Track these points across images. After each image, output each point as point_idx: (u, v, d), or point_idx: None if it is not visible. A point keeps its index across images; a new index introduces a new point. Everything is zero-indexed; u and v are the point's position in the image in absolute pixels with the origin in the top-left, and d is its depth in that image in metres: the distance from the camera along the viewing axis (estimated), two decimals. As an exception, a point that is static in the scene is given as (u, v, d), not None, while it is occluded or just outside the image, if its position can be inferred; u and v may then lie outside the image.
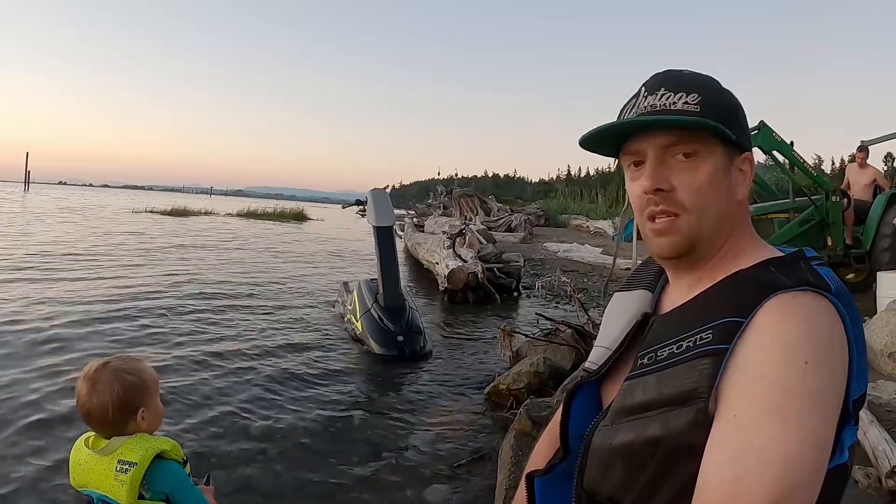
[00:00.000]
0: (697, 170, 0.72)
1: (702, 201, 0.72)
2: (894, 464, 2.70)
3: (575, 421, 0.81)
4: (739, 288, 0.68)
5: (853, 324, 0.65)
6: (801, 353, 0.59)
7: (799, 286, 0.64)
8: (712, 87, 0.75)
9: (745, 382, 0.60)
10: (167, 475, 1.37)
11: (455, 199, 22.58)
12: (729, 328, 0.63)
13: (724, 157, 0.73)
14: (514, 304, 9.02)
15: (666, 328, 0.73)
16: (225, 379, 4.63)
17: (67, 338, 5.44)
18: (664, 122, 0.72)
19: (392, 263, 6.23)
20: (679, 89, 0.73)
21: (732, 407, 0.60)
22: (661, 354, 0.70)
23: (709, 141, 0.72)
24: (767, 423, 0.57)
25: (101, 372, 1.38)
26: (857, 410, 0.65)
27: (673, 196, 0.73)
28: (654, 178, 0.73)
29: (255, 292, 8.61)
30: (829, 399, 0.59)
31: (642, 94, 0.76)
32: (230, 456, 3.35)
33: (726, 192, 0.74)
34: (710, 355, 0.63)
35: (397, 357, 5.47)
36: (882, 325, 4.49)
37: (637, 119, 0.74)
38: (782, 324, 0.61)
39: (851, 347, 0.63)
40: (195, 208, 34.62)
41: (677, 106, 0.72)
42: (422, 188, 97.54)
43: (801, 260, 0.70)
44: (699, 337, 0.66)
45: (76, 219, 22.40)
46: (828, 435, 0.59)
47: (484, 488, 3.10)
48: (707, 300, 0.71)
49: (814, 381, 0.58)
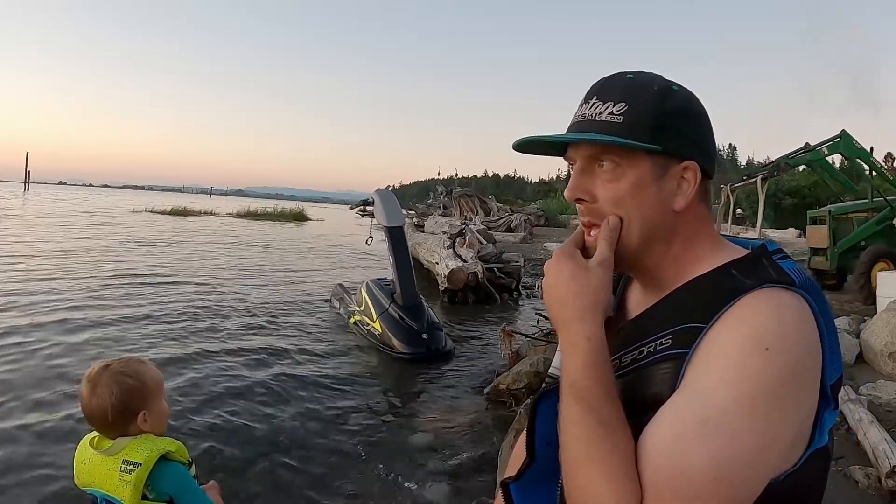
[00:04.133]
0: (619, 181, 0.71)
1: (622, 212, 0.71)
2: (894, 464, 2.70)
3: (542, 428, 0.79)
4: (698, 295, 0.67)
5: (822, 312, 0.65)
6: (763, 340, 0.59)
7: (761, 285, 0.63)
8: (647, 93, 0.71)
9: (704, 363, 0.61)
10: (171, 476, 1.37)
11: (455, 199, 22.60)
12: (688, 333, 0.63)
13: (653, 167, 0.70)
14: (514, 304, 9.03)
15: (627, 336, 0.73)
16: (225, 379, 4.63)
17: (62, 330, 5.45)
18: (576, 140, 0.72)
19: (407, 263, 6.22)
20: (608, 98, 0.71)
21: (687, 380, 0.61)
22: (624, 361, 0.70)
23: (632, 152, 0.70)
24: (719, 397, 0.57)
25: (102, 375, 1.38)
26: (835, 394, 0.66)
27: (596, 207, 0.72)
28: (572, 189, 0.74)
29: (255, 292, 8.62)
30: (788, 391, 0.59)
31: (582, 101, 0.75)
32: (231, 456, 3.36)
33: (654, 202, 0.71)
34: (670, 359, 0.64)
35: (423, 355, 5.46)
36: (882, 325, 4.49)
37: (534, 137, 0.75)
38: (748, 312, 0.61)
39: (823, 335, 0.64)
40: (195, 208, 34.62)
41: (602, 116, 0.71)
42: (422, 188, 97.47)
43: (763, 256, 0.69)
44: (659, 342, 0.66)
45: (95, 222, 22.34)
46: (782, 427, 0.58)
47: (484, 488, 3.10)
48: (666, 308, 0.71)
49: (773, 368, 0.58)
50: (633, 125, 0.69)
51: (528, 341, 5.09)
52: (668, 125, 0.70)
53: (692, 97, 0.74)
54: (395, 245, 6.27)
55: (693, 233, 0.74)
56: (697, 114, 0.73)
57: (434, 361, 5.46)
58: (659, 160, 0.71)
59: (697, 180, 0.72)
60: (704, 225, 0.75)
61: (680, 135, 0.71)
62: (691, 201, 0.71)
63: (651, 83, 0.73)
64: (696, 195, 0.72)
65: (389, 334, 5.68)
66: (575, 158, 0.74)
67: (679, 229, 0.73)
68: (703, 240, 0.74)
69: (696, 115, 0.73)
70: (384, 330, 5.76)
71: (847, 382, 3.99)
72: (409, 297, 5.95)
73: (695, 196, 0.72)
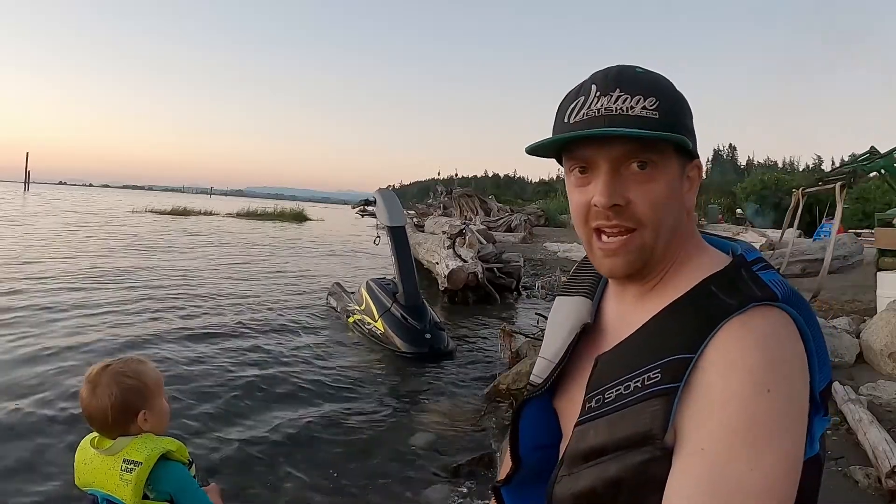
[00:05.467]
0: (655, 182, 0.67)
1: (659, 216, 0.67)
2: (894, 464, 2.70)
3: (529, 433, 0.80)
4: (680, 321, 0.65)
5: (808, 322, 0.64)
6: (763, 381, 0.57)
7: (746, 305, 0.62)
8: (668, 88, 0.69)
9: (708, 416, 0.58)
10: (171, 476, 1.38)
11: (455, 199, 22.56)
12: (677, 366, 0.61)
13: (679, 167, 0.69)
14: (514, 304, 9.03)
15: (611, 367, 0.69)
16: (224, 378, 4.63)
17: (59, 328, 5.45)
18: (629, 135, 0.65)
19: (409, 262, 6.23)
20: (636, 91, 0.66)
21: (698, 441, 0.58)
22: (608, 397, 0.66)
23: (665, 150, 0.67)
24: (741, 453, 0.56)
25: (101, 375, 1.39)
26: (824, 401, 0.65)
27: (628, 210, 0.67)
28: (611, 194, 0.67)
29: (255, 291, 8.62)
30: (795, 417, 0.59)
31: (594, 94, 0.68)
32: (231, 456, 3.36)
33: (679, 203, 0.70)
34: (659, 395, 0.61)
35: (426, 354, 5.49)
36: (882, 325, 4.49)
37: (598, 131, 0.66)
38: (738, 353, 0.59)
39: (810, 347, 0.63)
40: (195, 208, 34.62)
41: (635, 111, 0.66)
42: (422, 188, 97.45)
43: (743, 268, 0.67)
44: (647, 377, 0.63)
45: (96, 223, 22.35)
46: (799, 452, 0.59)
47: (484, 488, 3.10)
48: (650, 335, 0.67)
49: (779, 406, 0.57)
50: (669, 121, 0.66)
51: (528, 341, 5.09)
52: (688, 123, 0.70)
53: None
54: (397, 245, 6.27)
55: (691, 233, 0.74)
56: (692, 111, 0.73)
57: (436, 361, 5.46)
58: (681, 160, 0.70)
59: (701, 179, 0.73)
60: (694, 224, 0.75)
61: (693, 132, 0.71)
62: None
63: (664, 79, 0.71)
64: (695, 194, 0.73)
65: (392, 334, 5.69)
66: (595, 160, 0.68)
67: (687, 231, 0.73)
68: (694, 240, 0.74)
69: (692, 114, 0.73)
70: (386, 329, 5.76)
71: (847, 382, 3.99)
72: (411, 296, 5.96)
73: (695, 195, 0.72)
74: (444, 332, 5.88)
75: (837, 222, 7.90)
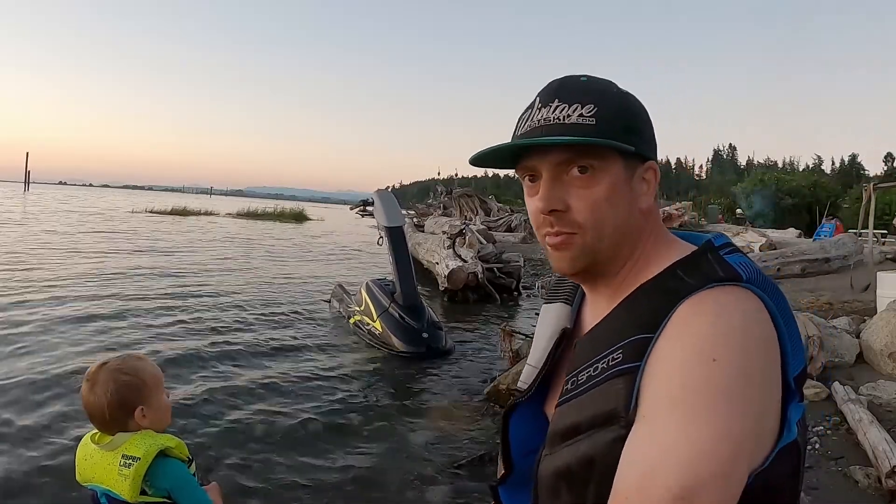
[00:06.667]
0: (594, 186, 0.69)
1: (597, 217, 0.70)
2: (894, 464, 2.70)
3: (519, 438, 0.81)
4: (643, 303, 0.67)
5: (778, 306, 0.64)
6: (709, 350, 0.58)
7: (706, 285, 0.63)
8: (609, 94, 0.72)
9: (655, 386, 0.59)
10: (169, 472, 1.38)
11: (455, 199, 22.57)
12: (638, 346, 0.62)
13: (624, 169, 0.70)
14: (514, 304, 9.04)
15: (584, 351, 0.71)
16: (224, 378, 4.64)
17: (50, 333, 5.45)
18: (556, 143, 0.68)
19: (407, 263, 6.26)
20: (573, 100, 0.69)
21: (643, 409, 0.60)
22: (580, 378, 0.68)
23: (606, 155, 0.69)
24: (673, 419, 0.56)
25: (99, 373, 1.40)
26: (799, 386, 0.65)
27: (568, 216, 0.70)
28: (548, 200, 0.70)
29: (254, 291, 8.62)
30: (748, 393, 0.58)
31: (536, 106, 0.72)
32: (231, 455, 3.35)
33: (627, 204, 0.71)
34: (622, 374, 0.62)
35: (424, 354, 5.50)
36: (882, 325, 4.49)
37: (523, 141, 0.70)
38: (689, 326, 0.60)
39: (781, 330, 0.62)
40: (195, 208, 34.65)
41: (571, 119, 0.68)
42: (422, 188, 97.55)
43: (709, 252, 0.68)
44: (611, 357, 0.65)
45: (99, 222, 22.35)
46: (747, 430, 0.57)
47: (483, 488, 3.10)
48: (614, 320, 0.70)
49: (726, 377, 0.57)
50: (607, 127, 0.68)
51: (527, 341, 5.08)
52: (633, 126, 0.72)
53: (639, 100, 0.75)
54: (395, 245, 6.29)
55: (652, 231, 0.75)
56: (648, 115, 0.75)
57: (434, 360, 5.46)
58: (628, 162, 0.71)
59: (657, 179, 0.74)
60: (658, 223, 0.76)
61: (642, 135, 0.72)
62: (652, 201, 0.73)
63: (609, 85, 0.74)
64: (653, 195, 0.74)
65: (389, 333, 5.69)
66: (539, 168, 0.71)
67: (644, 229, 0.74)
68: (659, 238, 0.75)
69: (647, 117, 0.75)
70: (384, 329, 5.77)
71: (847, 382, 3.99)
72: (408, 296, 5.98)
73: (653, 196, 0.74)
74: (443, 332, 5.89)
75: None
